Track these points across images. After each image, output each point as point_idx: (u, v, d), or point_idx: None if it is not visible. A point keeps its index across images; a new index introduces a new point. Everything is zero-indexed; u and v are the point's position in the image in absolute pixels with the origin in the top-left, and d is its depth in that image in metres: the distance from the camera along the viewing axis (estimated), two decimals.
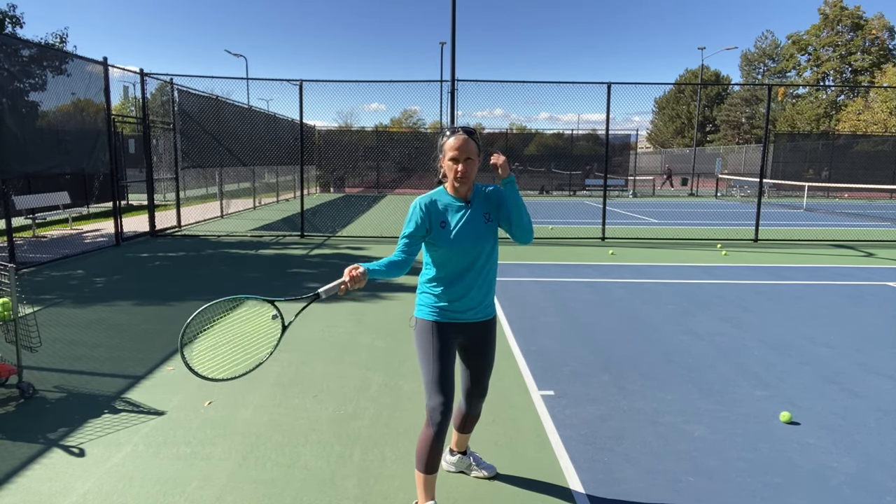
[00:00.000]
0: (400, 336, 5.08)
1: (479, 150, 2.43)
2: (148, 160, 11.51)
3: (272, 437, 3.31)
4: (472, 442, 3.27)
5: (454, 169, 2.39)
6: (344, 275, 2.20)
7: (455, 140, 2.37)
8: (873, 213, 18.73)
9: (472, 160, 2.39)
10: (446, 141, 2.40)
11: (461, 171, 2.38)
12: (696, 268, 8.58)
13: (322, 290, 2.25)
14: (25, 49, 8.73)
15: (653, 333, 5.33)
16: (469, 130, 2.42)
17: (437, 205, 2.47)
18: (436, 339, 2.48)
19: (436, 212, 2.45)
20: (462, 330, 2.54)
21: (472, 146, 2.39)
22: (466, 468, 2.96)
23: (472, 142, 2.39)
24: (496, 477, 2.94)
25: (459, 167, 2.38)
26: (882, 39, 45.58)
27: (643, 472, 3.00)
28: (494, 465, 2.98)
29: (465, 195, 2.49)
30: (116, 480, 2.85)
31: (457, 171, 2.39)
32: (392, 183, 28.22)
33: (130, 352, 4.65)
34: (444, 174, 2.46)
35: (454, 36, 12.75)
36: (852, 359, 4.71)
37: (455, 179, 2.41)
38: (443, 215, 2.45)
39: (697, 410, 3.72)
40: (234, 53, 61.05)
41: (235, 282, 7.28)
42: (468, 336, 2.57)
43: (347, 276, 2.19)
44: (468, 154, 2.37)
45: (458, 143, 2.37)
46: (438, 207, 2.47)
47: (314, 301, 2.26)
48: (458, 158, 2.37)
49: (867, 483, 2.91)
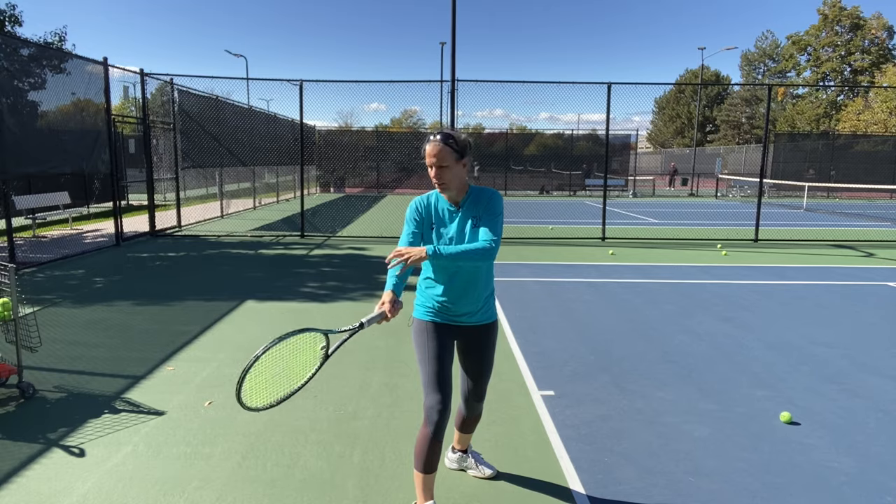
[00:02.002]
0: (400, 336, 5.08)
1: (459, 154, 2.39)
2: (148, 160, 11.51)
3: (272, 437, 3.31)
4: (473, 442, 3.27)
5: (430, 173, 2.42)
6: (381, 307, 2.31)
7: (429, 147, 2.39)
8: (873, 213, 18.73)
9: (445, 168, 2.37)
10: (424, 147, 2.42)
11: (434, 177, 2.41)
12: (697, 268, 8.58)
13: (365, 321, 2.27)
14: (25, 48, 8.73)
15: (653, 333, 5.33)
16: (446, 135, 2.39)
17: (432, 207, 2.51)
18: (432, 338, 2.48)
19: (429, 214, 2.50)
20: (460, 332, 2.55)
21: (445, 152, 2.36)
22: (468, 466, 2.97)
23: (448, 147, 2.37)
24: (496, 477, 2.94)
25: (433, 173, 2.40)
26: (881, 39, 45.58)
27: (643, 472, 2.99)
28: (495, 466, 2.98)
29: (456, 199, 2.48)
30: (116, 480, 2.85)
31: (432, 176, 2.42)
32: (392, 183, 28.24)
33: (130, 352, 4.65)
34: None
35: (454, 36, 12.75)
36: (852, 359, 4.71)
37: (435, 185, 2.44)
38: (435, 218, 2.49)
39: (698, 410, 3.72)
40: (234, 53, 61.18)
41: (236, 282, 7.28)
42: (466, 339, 2.57)
43: (388, 309, 2.30)
44: (441, 161, 2.36)
45: (430, 149, 2.38)
46: (432, 210, 2.50)
47: (358, 331, 2.27)
48: (431, 164, 2.39)
49: (868, 483, 2.91)
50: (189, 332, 5.15)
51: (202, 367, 4.34)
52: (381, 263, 8.74)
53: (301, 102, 11.32)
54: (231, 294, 6.60)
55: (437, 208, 2.50)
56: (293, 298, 6.49)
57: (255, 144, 16.61)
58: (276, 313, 5.87)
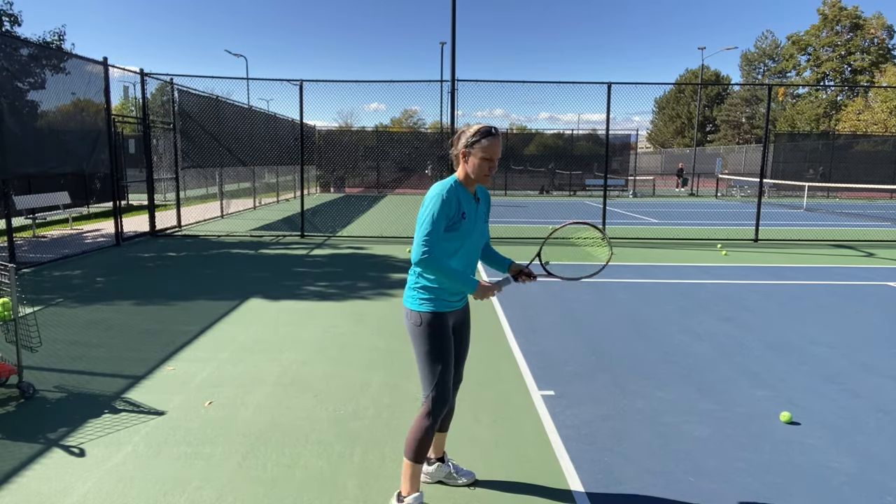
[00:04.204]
0: (401, 336, 5.08)
1: None
2: (148, 160, 11.51)
3: (273, 437, 3.31)
4: (473, 442, 3.27)
5: (486, 167, 2.48)
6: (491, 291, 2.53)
7: (493, 144, 2.46)
8: (873, 212, 18.72)
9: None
10: (482, 140, 2.45)
11: (489, 171, 2.49)
12: (697, 268, 8.58)
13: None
14: (25, 48, 8.71)
15: (653, 333, 5.33)
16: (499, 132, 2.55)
17: (459, 195, 2.52)
18: (448, 336, 2.56)
19: (457, 201, 2.49)
20: (452, 316, 2.64)
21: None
22: (446, 477, 2.86)
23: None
24: (497, 477, 2.93)
25: (488, 167, 2.48)
26: (881, 39, 45.58)
27: (643, 472, 2.99)
28: (474, 472, 2.91)
29: (473, 191, 2.60)
30: (117, 480, 2.85)
31: (487, 170, 2.49)
32: (392, 183, 28.23)
33: (131, 352, 4.65)
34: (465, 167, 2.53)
35: (454, 36, 12.76)
36: (852, 359, 4.71)
37: (482, 178, 2.51)
38: (465, 208, 2.52)
39: (698, 410, 3.72)
40: (234, 53, 61.24)
41: (236, 282, 7.28)
42: (456, 320, 2.68)
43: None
44: (499, 156, 2.51)
45: (496, 147, 2.47)
46: (460, 197, 2.51)
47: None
48: (493, 160, 2.48)
49: (868, 483, 2.91)
50: (189, 332, 5.15)
51: (202, 367, 4.34)
52: (381, 263, 8.74)
53: (301, 102, 11.33)
54: (231, 294, 6.59)
55: (462, 200, 2.52)
56: (293, 298, 6.49)
57: (255, 144, 16.60)
58: (277, 313, 5.87)
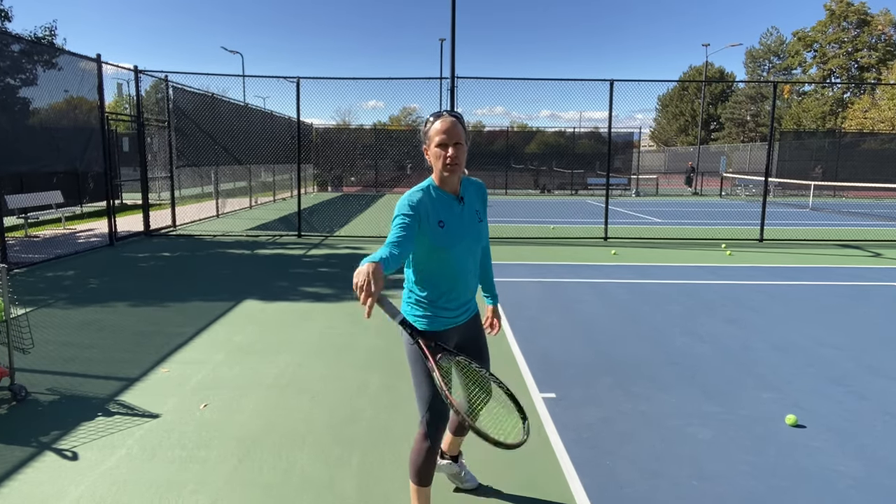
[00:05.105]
0: (399, 337, 5.01)
1: (467, 136, 2.22)
2: (142, 159, 11.43)
3: (269, 440, 3.25)
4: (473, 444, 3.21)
5: (443, 156, 2.16)
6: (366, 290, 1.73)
7: (441, 123, 2.15)
8: (880, 212, 18.59)
9: (460, 145, 2.17)
10: (431, 126, 2.18)
11: (451, 157, 2.15)
12: (701, 268, 8.51)
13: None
14: (16, 44, 8.64)
15: (656, 335, 5.27)
16: (455, 114, 2.21)
17: (429, 202, 2.19)
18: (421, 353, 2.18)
19: (427, 210, 2.18)
20: (455, 332, 2.43)
21: (459, 129, 2.16)
22: (453, 475, 2.82)
23: (460, 125, 2.18)
24: (497, 480, 2.88)
25: (449, 152, 2.15)
26: (889, 35, 45.34)
27: (646, 475, 2.94)
28: (495, 468, 2.89)
29: (456, 189, 2.27)
30: (110, 484, 2.80)
31: (445, 157, 2.15)
32: (391, 182, 28.10)
33: (124, 353, 4.59)
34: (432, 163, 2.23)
35: (454, 32, 12.68)
36: (859, 360, 4.65)
37: (444, 168, 2.17)
38: (442, 213, 2.21)
39: (701, 413, 3.66)
40: (230, 50, 60.76)
41: (232, 282, 7.23)
42: (461, 337, 2.46)
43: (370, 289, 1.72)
44: (457, 138, 2.15)
45: (444, 125, 2.14)
46: (430, 204, 2.19)
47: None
48: (446, 143, 2.14)
49: (875, 487, 2.85)
50: (184, 334, 5.10)
51: (197, 370, 4.28)
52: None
53: (298, 100, 11.25)
54: (227, 295, 6.54)
55: (438, 202, 2.21)
56: (290, 299, 6.44)
57: (251, 142, 16.52)
58: (273, 314, 5.81)
